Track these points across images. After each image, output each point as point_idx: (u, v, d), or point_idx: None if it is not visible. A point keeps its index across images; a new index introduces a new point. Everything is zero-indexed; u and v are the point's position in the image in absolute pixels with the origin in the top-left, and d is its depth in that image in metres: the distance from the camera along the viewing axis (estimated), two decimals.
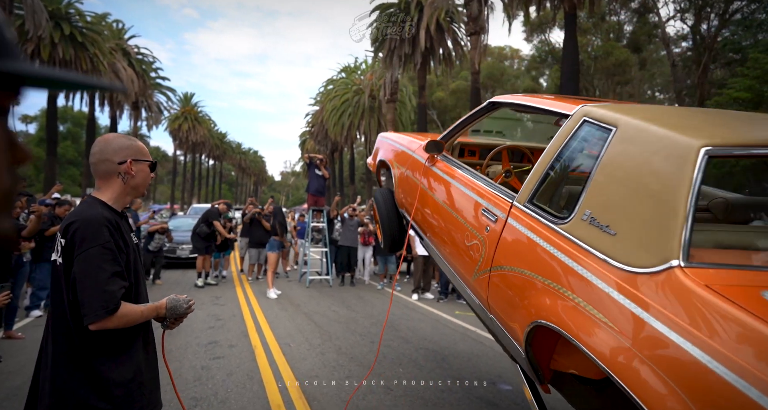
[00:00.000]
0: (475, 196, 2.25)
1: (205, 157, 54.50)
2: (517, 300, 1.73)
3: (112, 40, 27.43)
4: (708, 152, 1.25)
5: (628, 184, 1.43)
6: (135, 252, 1.47)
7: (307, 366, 4.15)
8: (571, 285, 1.47)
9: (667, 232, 1.23)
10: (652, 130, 1.43)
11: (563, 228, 1.58)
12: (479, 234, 2.11)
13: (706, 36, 23.51)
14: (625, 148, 1.49)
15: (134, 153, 1.47)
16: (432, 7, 19.36)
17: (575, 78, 13.00)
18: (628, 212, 1.39)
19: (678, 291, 1.14)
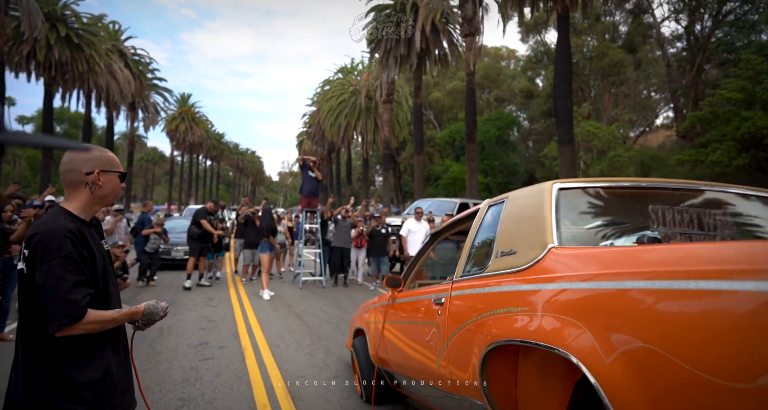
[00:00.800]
0: (426, 297, 2.59)
1: (202, 158, 54.50)
2: (470, 347, 1.85)
3: (108, 42, 27.42)
4: (558, 187, 1.89)
5: (517, 221, 1.99)
6: (103, 259, 1.51)
7: (295, 366, 4.22)
8: (501, 302, 1.78)
9: (543, 232, 1.71)
10: (527, 191, 2.12)
11: (487, 271, 1.99)
12: (433, 321, 2.33)
13: (699, 36, 23.66)
14: (512, 204, 2.12)
15: (103, 164, 1.50)
16: (427, 8, 19.44)
17: (568, 79, 13.11)
18: (519, 235, 1.90)
19: (555, 258, 1.60)
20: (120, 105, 28.56)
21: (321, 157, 9.44)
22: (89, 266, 1.42)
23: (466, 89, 18.60)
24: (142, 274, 7.94)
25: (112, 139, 29.98)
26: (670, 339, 1.03)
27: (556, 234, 1.67)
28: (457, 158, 26.60)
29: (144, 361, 4.13)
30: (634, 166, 21.47)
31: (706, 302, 1.00)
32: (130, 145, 34.41)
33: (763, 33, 20.01)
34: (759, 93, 15.58)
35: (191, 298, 7.24)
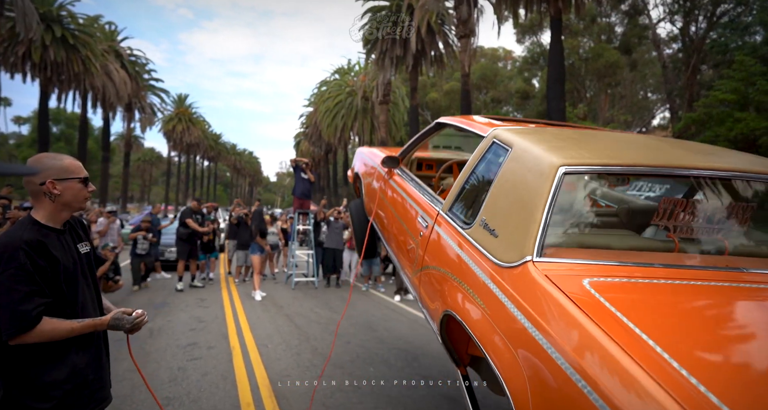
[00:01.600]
0: (415, 206, 2.53)
1: (199, 158, 54.47)
2: (437, 295, 2.00)
3: (104, 42, 27.43)
4: (565, 171, 1.53)
5: (510, 195, 1.70)
6: (73, 264, 1.53)
7: (282, 366, 4.28)
8: (467, 278, 1.74)
9: (526, 234, 1.50)
10: (531, 151, 1.71)
11: (467, 232, 1.85)
12: (415, 239, 2.39)
13: (694, 38, 23.79)
14: (513, 165, 1.76)
15: (57, 172, 1.50)
16: (423, 9, 19.51)
17: (561, 80, 13.19)
18: (506, 218, 1.66)
19: (526, 279, 1.41)
20: (116, 106, 28.55)
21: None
22: (48, 275, 1.44)
23: (462, 90, 18.67)
24: (136, 278, 7.90)
25: (109, 140, 29.97)
26: None
27: (538, 241, 1.45)
28: None
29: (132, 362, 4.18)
30: None
31: None
32: (127, 145, 34.39)
33: (756, 35, 20.14)
34: (752, 94, 15.69)
35: (183, 299, 7.29)
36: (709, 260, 1.58)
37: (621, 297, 1.27)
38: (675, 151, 1.88)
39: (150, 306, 6.70)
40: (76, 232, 1.63)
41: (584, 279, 1.33)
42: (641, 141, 2.16)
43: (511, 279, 1.47)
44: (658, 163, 1.65)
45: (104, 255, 6.43)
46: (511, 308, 1.40)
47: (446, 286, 1.88)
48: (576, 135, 2.11)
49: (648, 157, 1.72)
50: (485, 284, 1.59)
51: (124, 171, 33.99)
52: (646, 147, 1.96)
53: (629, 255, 1.54)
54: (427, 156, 3.76)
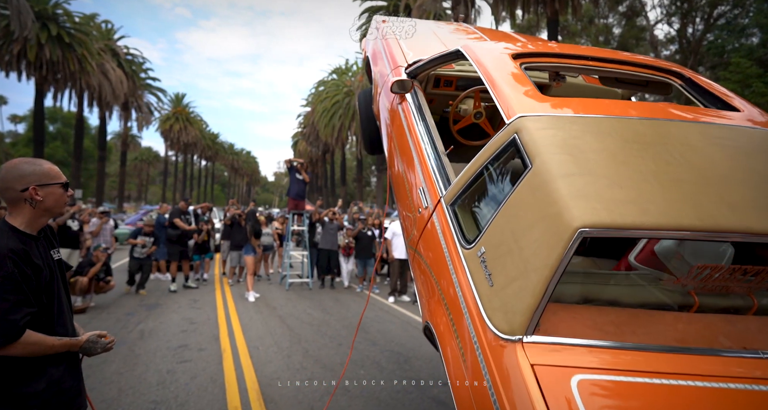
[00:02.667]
0: (420, 171, 2.22)
1: (197, 158, 54.33)
2: (423, 290, 1.90)
3: (101, 41, 27.31)
4: (582, 233, 1.23)
5: (515, 238, 1.41)
6: (51, 272, 1.52)
7: (272, 368, 4.24)
8: (455, 312, 1.59)
9: (522, 305, 1.28)
10: (551, 188, 1.35)
11: (464, 253, 1.64)
12: (414, 210, 2.18)
13: (692, 40, 23.87)
14: (529, 194, 1.42)
15: (39, 178, 1.49)
16: (420, 9, 19.51)
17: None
18: (505, 268, 1.41)
19: (511, 365, 1.24)
20: (113, 105, 28.43)
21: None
22: (33, 284, 1.43)
23: None
24: (130, 280, 7.82)
25: (105, 139, 29.86)
26: None
27: (534, 318, 1.26)
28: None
29: (122, 364, 4.14)
30: None
31: None
32: (123, 145, 34.28)
33: (753, 37, 20.21)
34: (749, 96, 15.75)
35: (176, 300, 7.24)
36: (725, 331, 1.36)
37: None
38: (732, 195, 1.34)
39: (142, 307, 6.65)
40: (48, 239, 1.61)
41: (574, 378, 1.17)
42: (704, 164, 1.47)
43: (496, 353, 1.31)
44: (712, 226, 1.25)
45: (95, 257, 6.39)
46: (489, 387, 1.28)
47: (433, 299, 1.77)
48: (619, 140, 1.54)
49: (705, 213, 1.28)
50: (471, 339, 1.45)
51: (120, 170, 33.88)
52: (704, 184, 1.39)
53: (636, 321, 1.36)
54: (447, 72, 3.08)
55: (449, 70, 3.09)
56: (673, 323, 1.37)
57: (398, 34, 3.38)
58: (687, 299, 1.44)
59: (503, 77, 1.91)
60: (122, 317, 6.00)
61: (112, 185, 47.53)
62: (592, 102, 1.84)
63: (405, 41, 3.27)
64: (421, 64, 2.65)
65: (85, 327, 1.67)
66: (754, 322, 1.40)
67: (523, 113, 1.63)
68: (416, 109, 2.48)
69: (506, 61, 2.04)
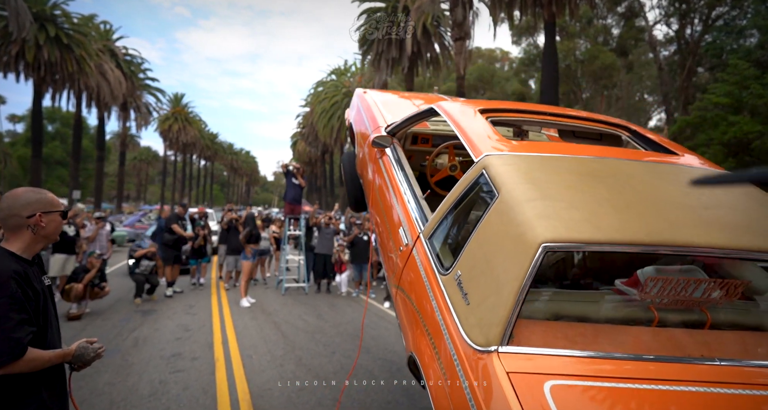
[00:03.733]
0: (400, 212, 2.40)
1: (195, 158, 54.32)
2: (406, 322, 2.00)
3: (99, 42, 27.28)
4: (545, 248, 1.36)
5: (486, 259, 1.54)
6: (44, 297, 1.59)
7: (264, 378, 4.26)
8: (436, 337, 1.67)
9: (495, 317, 1.38)
10: (517, 211, 1.51)
11: (442, 279, 1.75)
12: (396, 249, 2.33)
13: (690, 40, 23.86)
14: (497, 220, 1.58)
15: (43, 206, 1.60)
16: (418, 11, 19.48)
17: (555, 84, 13.20)
18: (479, 286, 1.53)
19: (488, 374, 1.33)
20: (111, 105, 28.42)
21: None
22: (33, 305, 1.51)
23: (457, 93, 18.68)
24: (138, 293, 7.49)
25: (104, 139, 29.85)
26: None
27: (507, 329, 1.35)
28: None
29: (114, 374, 4.16)
30: None
31: None
32: (122, 145, 34.28)
33: (751, 38, 20.21)
34: (746, 98, 15.74)
35: (171, 306, 7.26)
36: (684, 342, 1.47)
37: None
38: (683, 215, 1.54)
39: (138, 313, 6.67)
40: (40, 265, 1.69)
41: (547, 383, 1.25)
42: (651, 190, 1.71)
43: (474, 365, 1.40)
44: (657, 240, 1.41)
45: (90, 263, 6.40)
46: (468, 398, 1.36)
47: (417, 330, 1.86)
48: (575, 174, 1.74)
49: (650, 229, 1.45)
50: (451, 357, 1.53)
51: (119, 170, 33.89)
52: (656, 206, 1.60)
53: (602, 333, 1.46)
54: (423, 130, 3.41)
55: (425, 129, 3.42)
56: (637, 335, 1.47)
57: (378, 102, 3.68)
58: (649, 314, 1.53)
59: (471, 126, 2.16)
60: (117, 323, 6.01)
61: (111, 185, 47.52)
62: (551, 144, 2.11)
63: (384, 107, 3.55)
64: (398, 122, 2.92)
65: (81, 334, 1.72)
66: (710, 335, 1.51)
67: (489, 153, 1.85)
68: (395, 160, 2.73)
69: (474, 114, 2.30)
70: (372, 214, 3.08)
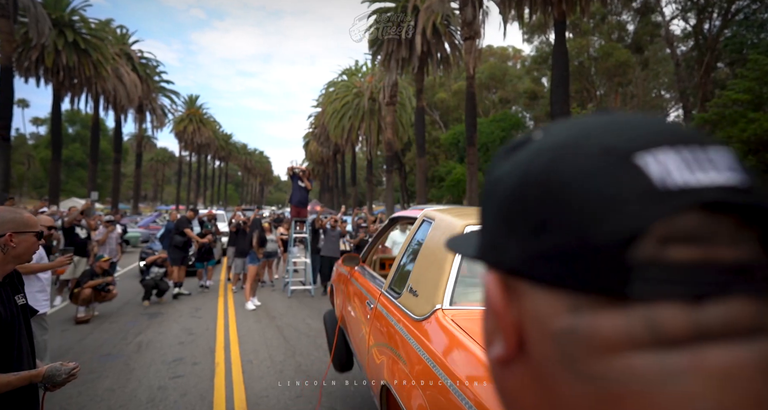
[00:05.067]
0: (366, 293, 2.75)
1: (210, 158, 55.07)
2: (375, 370, 2.09)
3: (116, 46, 27.87)
4: (471, 228, 1.56)
5: (429, 257, 1.89)
6: (13, 316, 1.58)
7: (262, 384, 4.29)
8: (394, 342, 1.83)
9: (437, 286, 1.66)
10: (448, 219, 1.99)
11: (399, 301, 2.02)
12: (365, 321, 2.52)
13: (708, 35, 23.21)
14: (434, 233, 2.02)
15: (16, 226, 1.60)
16: (428, 11, 19.37)
17: (565, 83, 12.98)
18: (425, 278, 1.84)
19: (434, 326, 1.54)
20: (127, 108, 29.00)
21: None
22: None
23: (467, 93, 18.52)
24: (146, 296, 7.70)
25: (121, 141, 30.48)
26: None
27: (448, 290, 1.63)
28: (461, 160, 26.51)
29: (115, 379, 4.24)
30: None
31: None
32: (138, 146, 34.95)
33: None
34: (767, 94, 15.26)
35: (178, 309, 7.37)
36: None
37: None
38: None
39: (144, 316, 6.79)
40: (14, 284, 1.67)
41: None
42: None
43: (423, 329, 1.62)
44: None
45: (98, 267, 6.54)
46: (422, 354, 1.53)
47: (383, 358, 1.97)
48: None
49: None
50: (405, 340, 1.71)
51: (136, 171, 34.56)
52: None
53: None
54: (389, 255, 4.21)
55: (392, 255, 4.10)
56: None
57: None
58: None
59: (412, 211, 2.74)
60: (124, 327, 6.13)
61: (129, 185, 48.52)
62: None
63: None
64: (366, 247, 3.55)
65: (87, 338, 1.74)
66: None
67: (425, 210, 2.40)
68: (363, 271, 3.22)
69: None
70: (342, 321, 3.43)
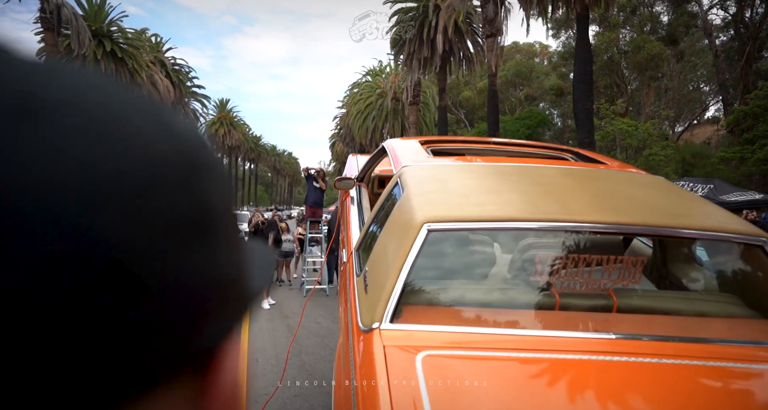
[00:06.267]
0: (346, 237, 2.70)
1: (240, 160, 56.67)
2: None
3: (151, 53, 29.17)
4: (428, 227, 1.43)
5: (385, 250, 1.63)
6: None
7: (264, 382, 4.44)
8: (344, 336, 1.71)
9: (381, 297, 1.43)
10: (412, 200, 1.63)
11: (356, 281, 1.83)
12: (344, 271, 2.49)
13: (749, 25, 21.95)
14: (398, 213, 1.70)
15: None
16: (449, 10, 19.25)
17: (588, 80, 12.62)
18: (377, 273, 1.59)
19: (368, 350, 1.36)
20: None
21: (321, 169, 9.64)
22: None
23: (488, 90, 18.31)
24: None
25: None
26: None
27: (390, 307, 1.38)
28: None
29: None
30: (674, 164, 20.28)
31: None
32: None
33: None
34: None
35: None
36: (580, 320, 1.44)
37: (443, 384, 1.19)
38: (577, 198, 1.64)
39: None
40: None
41: (420, 354, 1.26)
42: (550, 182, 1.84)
43: (359, 346, 1.44)
44: (543, 218, 1.47)
45: None
46: (352, 375, 1.38)
47: (339, 353, 1.84)
48: (482, 174, 1.94)
49: (538, 208, 1.53)
50: (348, 345, 1.56)
51: None
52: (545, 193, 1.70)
53: (496, 314, 1.45)
54: (387, 172, 3.61)
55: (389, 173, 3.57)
56: (531, 316, 1.45)
57: (359, 160, 4.05)
58: (551, 299, 1.48)
59: (403, 150, 2.34)
60: None
61: None
62: (470, 158, 2.29)
63: (361, 162, 3.83)
64: (361, 167, 3.24)
65: None
66: (613, 317, 1.44)
67: (408, 164, 2.02)
68: (356, 199, 3.05)
69: (413, 145, 2.48)
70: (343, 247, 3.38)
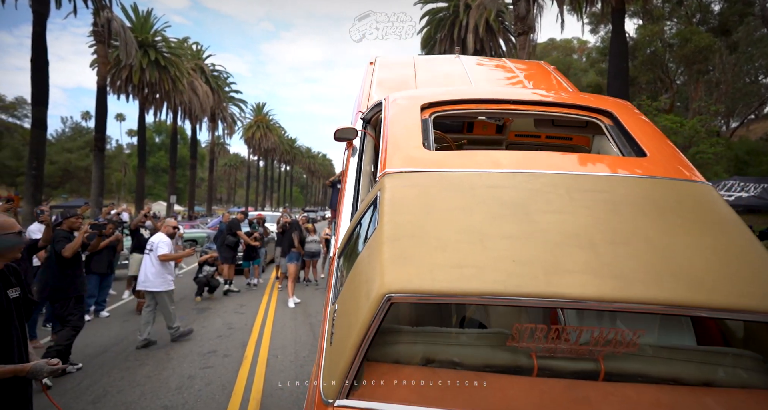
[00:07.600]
0: (334, 230, 2.38)
1: (276, 162, 58.16)
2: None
3: (191, 61, 30.53)
4: (390, 298, 1.26)
5: (352, 298, 1.43)
6: (1, 309, 1.86)
7: (282, 378, 4.55)
8: (318, 366, 1.56)
9: (337, 369, 1.30)
10: (379, 251, 1.40)
11: (330, 308, 1.65)
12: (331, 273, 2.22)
13: None
14: (367, 255, 1.47)
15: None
16: (479, 8, 18.97)
17: (623, 76, 12.07)
18: (340, 328, 1.41)
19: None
20: (201, 117, 31.59)
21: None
22: None
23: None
24: (199, 292, 8.39)
25: (196, 148, 33.31)
26: None
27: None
28: None
29: (154, 367, 4.73)
30: (726, 163, 18.96)
31: None
32: (211, 153, 37.93)
33: None
34: None
35: (225, 304, 7.97)
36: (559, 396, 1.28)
37: None
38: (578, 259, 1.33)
39: (194, 310, 7.44)
40: (7, 278, 1.97)
41: None
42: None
43: None
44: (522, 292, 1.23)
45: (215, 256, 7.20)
46: None
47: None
48: (471, 204, 1.56)
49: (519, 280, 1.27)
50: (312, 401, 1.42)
51: (209, 176, 37.53)
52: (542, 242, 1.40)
53: (466, 385, 1.31)
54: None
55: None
56: (507, 387, 1.30)
57: (375, 78, 3.37)
58: (529, 362, 1.36)
59: (396, 132, 1.98)
60: None
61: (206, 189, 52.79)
62: (471, 154, 1.87)
63: (378, 86, 3.26)
64: (368, 109, 2.70)
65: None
66: (599, 389, 1.29)
67: (391, 169, 1.74)
68: (358, 153, 2.54)
69: (412, 114, 2.08)
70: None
